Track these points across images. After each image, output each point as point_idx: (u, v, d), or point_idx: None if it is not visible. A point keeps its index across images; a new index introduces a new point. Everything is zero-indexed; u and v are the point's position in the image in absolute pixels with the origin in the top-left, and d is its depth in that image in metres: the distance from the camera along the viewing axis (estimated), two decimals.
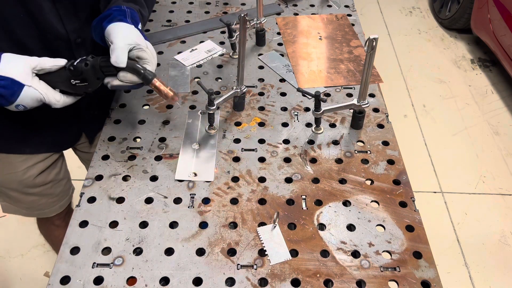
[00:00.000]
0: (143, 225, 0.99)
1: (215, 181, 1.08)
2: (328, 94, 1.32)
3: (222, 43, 1.50)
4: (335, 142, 1.18)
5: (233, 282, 0.89)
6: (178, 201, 1.03)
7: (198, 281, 0.89)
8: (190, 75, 1.37)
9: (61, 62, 0.96)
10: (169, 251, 0.94)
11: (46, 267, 2.16)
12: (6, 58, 0.90)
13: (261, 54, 1.46)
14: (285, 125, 1.22)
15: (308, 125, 1.22)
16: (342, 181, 1.09)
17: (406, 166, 1.13)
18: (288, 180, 1.08)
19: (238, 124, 1.23)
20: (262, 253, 0.94)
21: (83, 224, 0.99)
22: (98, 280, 0.89)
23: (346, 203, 1.04)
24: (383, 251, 0.95)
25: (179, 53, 1.45)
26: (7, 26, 0.98)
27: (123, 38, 0.96)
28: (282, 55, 1.46)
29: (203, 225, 0.99)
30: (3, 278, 2.14)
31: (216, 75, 1.38)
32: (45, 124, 1.22)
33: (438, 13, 3.81)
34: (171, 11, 1.64)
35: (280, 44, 1.50)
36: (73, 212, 1.01)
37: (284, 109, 1.27)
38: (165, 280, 0.89)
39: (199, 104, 1.28)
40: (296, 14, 1.64)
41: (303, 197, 1.05)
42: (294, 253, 0.94)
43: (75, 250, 0.94)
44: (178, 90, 1.31)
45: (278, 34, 1.55)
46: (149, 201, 1.03)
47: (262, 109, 1.27)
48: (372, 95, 1.32)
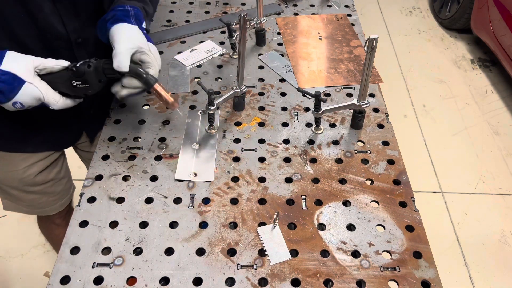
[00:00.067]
0: (143, 225, 0.99)
1: (215, 181, 1.08)
2: (328, 94, 1.32)
3: (222, 43, 1.50)
4: (335, 142, 1.18)
5: (233, 282, 0.89)
6: (178, 201, 1.03)
7: (198, 281, 0.89)
8: (190, 75, 1.37)
9: (64, 63, 0.97)
10: (169, 251, 0.94)
11: (46, 267, 2.16)
12: (10, 55, 0.92)
13: (261, 54, 1.46)
14: (285, 125, 1.22)
15: (308, 125, 1.22)
16: (342, 181, 1.09)
17: (406, 166, 1.13)
18: (288, 180, 1.08)
19: (238, 124, 1.23)
20: (262, 253, 0.94)
21: (83, 224, 0.99)
22: (98, 280, 0.89)
23: (346, 203, 1.04)
24: (383, 251, 0.95)
25: (179, 53, 1.45)
26: (7, 26, 0.98)
27: (126, 42, 0.96)
28: (282, 55, 1.46)
29: (203, 225, 0.99)
30: (3, 278, 2.14)
31: (216, 75, 1.38)
32: (45, 123, 1.22)
33: (438, 13, 3.81)
34: (171, 11, 1.64)
35: (280, 44, 1.50)
36: (73, 211, 1.01)
37: (284, 109, 1.27)
38: (165, 280, 0.89)
39: (199, 104, 1.28)
40: (296, 14, 1.64)
41: (303, 197, 1.05)
42: (294, 253, 0.94)
43: (75, 250, 0.94)
44: (178, 90, 1.31)
45: (278, 34, 1.55)
46: (149, 201, 1.03)
47: (262, 109, 1.27)
48: (372, 95, 1.32)
